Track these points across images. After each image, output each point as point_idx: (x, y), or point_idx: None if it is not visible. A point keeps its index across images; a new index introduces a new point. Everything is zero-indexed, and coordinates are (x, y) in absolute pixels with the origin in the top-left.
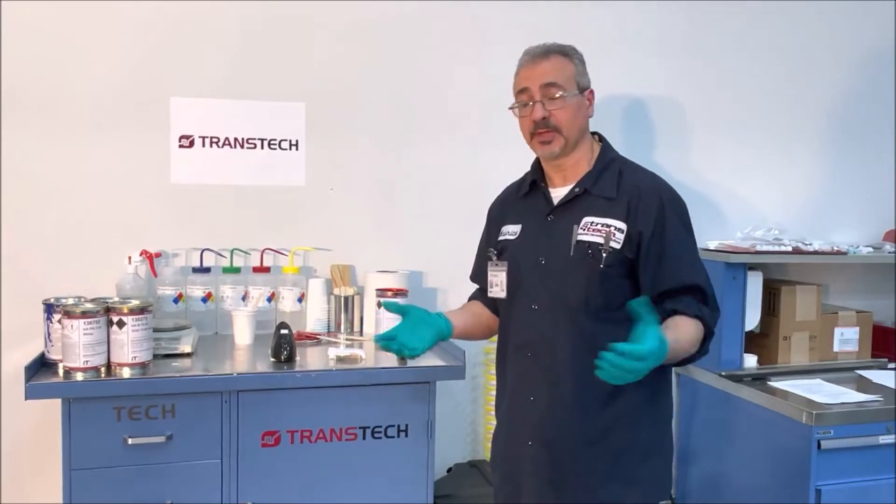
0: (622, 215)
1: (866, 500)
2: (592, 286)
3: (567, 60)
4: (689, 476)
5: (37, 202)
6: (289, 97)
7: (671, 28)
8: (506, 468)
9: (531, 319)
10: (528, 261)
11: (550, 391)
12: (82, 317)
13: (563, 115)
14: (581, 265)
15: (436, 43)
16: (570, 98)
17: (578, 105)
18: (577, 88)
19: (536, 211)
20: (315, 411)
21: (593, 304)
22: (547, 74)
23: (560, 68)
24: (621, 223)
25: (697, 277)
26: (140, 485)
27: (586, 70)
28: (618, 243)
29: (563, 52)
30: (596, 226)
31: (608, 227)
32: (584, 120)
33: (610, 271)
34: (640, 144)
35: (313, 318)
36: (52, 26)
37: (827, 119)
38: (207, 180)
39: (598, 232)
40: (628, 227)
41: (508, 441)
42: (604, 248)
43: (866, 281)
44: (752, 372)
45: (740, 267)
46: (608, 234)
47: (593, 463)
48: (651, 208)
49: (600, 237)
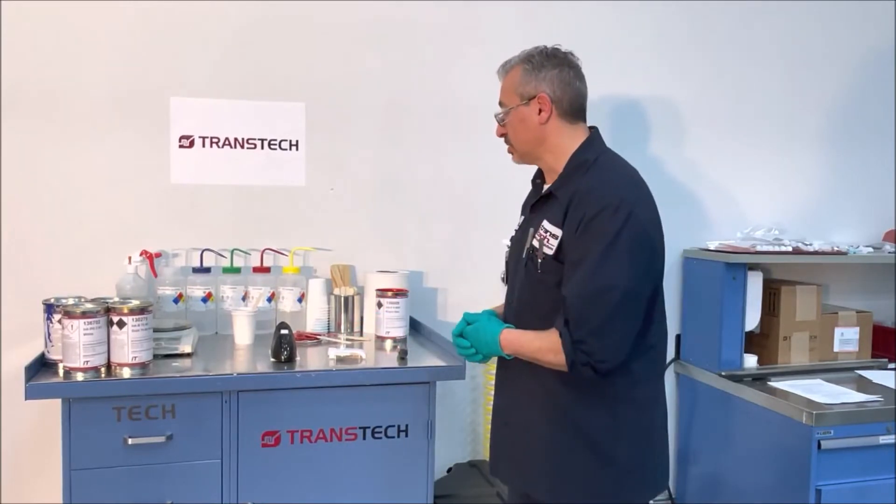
0: (559, 220)
1: (866, 500)
2: (537, 290)
3: (514, 73)
4: (689, 476)
5: (37, 202)
6: (289, 97)
7: (671, 28)
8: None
9: (509, 315)
10: (514, 256)
11: (513, 382)
12: (82, 317)
13: (509, 132)
14: (525, 269)
15: (436, 43)
16: (508, 116)
17: (519, 119)
18: (521, 99)
19: (527, 208)
20: (315, 411)
21: (539, 310)
22: (501, 93)
23: (506, 87)
24: (557, 229)
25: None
26: (140, 485)
27: (534, 76)
28: (550, 249)
29: (507, 68)
30: (541, 231)
31: (546, 232)
32: (531, 130)
33: (545, 277)
34: (640, 144)
35: (313, 318)
36: (52, 26)
37: (827, 119)
38: (207, 180)
39: (540, 237)
40: (563, 233)
41: (494, 420)
42: (539, 253)
43: (866, 281)
44: (752, 372)
45: (740, 267)
46: (542, 240)
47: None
48: (579, 214)
49: (538, 242)
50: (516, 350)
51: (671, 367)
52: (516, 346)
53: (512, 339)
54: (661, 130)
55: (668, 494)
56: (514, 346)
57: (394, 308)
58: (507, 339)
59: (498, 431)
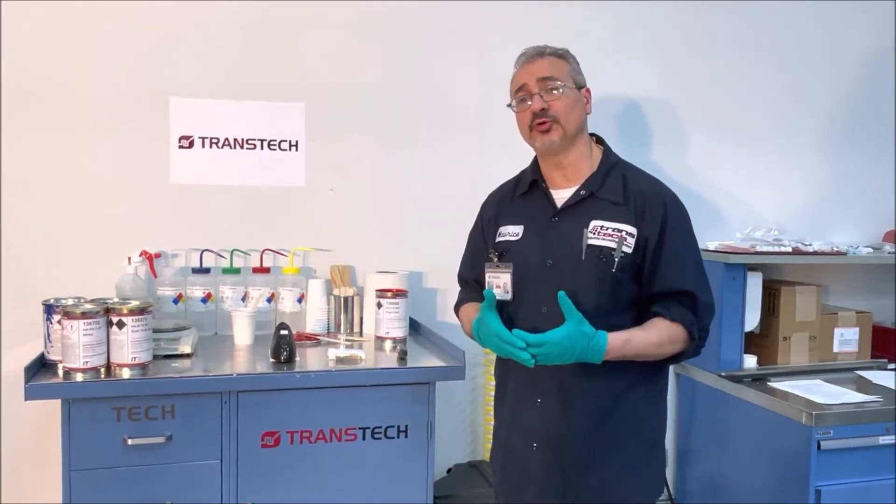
0: (631, 220)
1: (866, 500)
2: (604, 290)
3: (562, 60)
4: (689, 476)
5: (37, 202)
6: (289, 97)
7: (671, 29)
8: (509, 469)
9: (539, 322)
10: (534, 263)
11: (559, 393)
12: (82, 317)
13: (560, 105)
14: (594, 269)
15: (436, 43)
16: (566, 90)
17: (576, 98)
18: (574, 84)
19: (538, 212)
20: (315, 412)
21: (604, 308)
22: (544, 70)
23: (556, 65)
24: (632, 227)
25: (688, 283)
26: (140, 485)
27: (581, 71)
28: (629, 248)
29: (558, 53)
30: (607, 230)
31: (619, 231)
32: (581, 114)
33: (621, 276)
34: (640, 145)
35: (313, 318)
36: (52, 26)
37: (827, 119)
38: (207, 181)
39: (609, 236)
40: (638, 232)
41: (511, 443)
42: (616, 252)
43: (866, 281)
44: (751, 372)
45: (740, 267)
46: (621, 239)
47: (604, 463)
48: (656, 214)
49: (612, 242)
50: (626, 353)
51: (671, 368)
52: (627, 348)
53: (620, 344)
54: (661, 131)
55: (668, 494)
56: (624, 350)
57: (393, 308)
58: (614, 344)
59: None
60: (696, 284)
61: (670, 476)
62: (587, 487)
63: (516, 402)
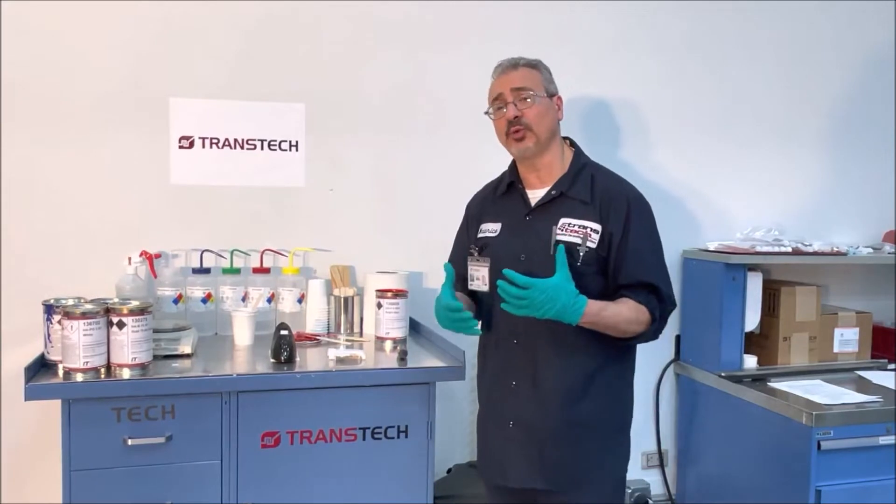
0: (597, 217)
1: (866, 500)
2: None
3: (535, 71)
4: (689, 476)
5: (37, 202)
6: (289, 97)
7: (670, 28)
8: (489, 449)
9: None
10: (509, 257)
11: (533, 376)
12: (82, 317)
13: (532, 114)
14: None
15: (436, 43)
16: (538, 100)
17: (547, 107)
18: (546, 94)
19: (514, 211)
20: (315, 412)
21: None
22: (518, 80)
23: (529, 76)
24: (597, 224)
25: (651, 276)
26: (140, 485)
27: (553, 80)
28: (594, 243)
29: (531, 64)
30: (573, 227)
31: (584, 228)
32: (553, 121)
33: (586, 269)
34: (640, 145)
35: (313, 318)
36: (52, 26)
37: (827, 119)
38: (207, 181)
39: (575, 233)
40: (603, 228)
41: (490, 422)
42: (581, 247)
43: (866, 281)
44: (751, 373)
45: (740, 267)
46: (585, 235)
47: (578, 442)
48: (620, 211)
49: (577, 237)
50: (599, 320)
51: (671, 368)
52: (602, 315)
53: (597, 310)
54: (661, 131)
55: (668, 495)
56: (599, 316)
57: (393, 309)
58: (592, 309)
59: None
60: (658, 277)
61: (670, 476)
62: (562, 466)
63: (493, 384)
